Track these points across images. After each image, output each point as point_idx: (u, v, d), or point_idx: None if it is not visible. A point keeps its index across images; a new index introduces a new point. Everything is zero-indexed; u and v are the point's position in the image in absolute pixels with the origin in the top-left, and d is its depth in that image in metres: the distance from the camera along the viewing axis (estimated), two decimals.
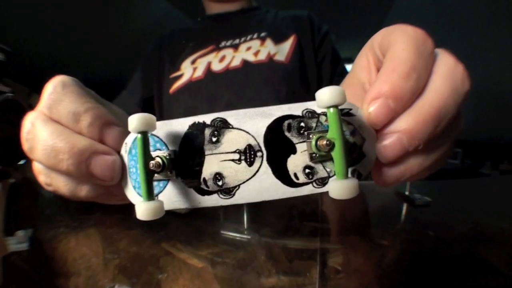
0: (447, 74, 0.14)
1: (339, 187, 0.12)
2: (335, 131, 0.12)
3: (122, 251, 0.27)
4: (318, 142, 0.13)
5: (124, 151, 0.15)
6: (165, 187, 0.15)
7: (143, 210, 0.13)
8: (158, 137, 0.15)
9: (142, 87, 0.58)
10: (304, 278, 0.22)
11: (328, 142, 0.12)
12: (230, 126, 0.14)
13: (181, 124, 0.15)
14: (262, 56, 0.53)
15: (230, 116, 0.14)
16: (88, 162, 0.14)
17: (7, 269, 0.24)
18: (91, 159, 0.14)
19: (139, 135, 0.13)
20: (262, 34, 0.57)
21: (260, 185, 0.14)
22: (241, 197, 0.14)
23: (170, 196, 0.15)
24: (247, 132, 0.14)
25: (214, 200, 0.14)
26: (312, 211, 0.36)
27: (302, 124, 0.14)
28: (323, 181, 0.14)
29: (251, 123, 0.14)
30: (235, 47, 0.57)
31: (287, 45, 0.55)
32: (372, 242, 0.28)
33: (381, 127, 0.13)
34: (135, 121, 0.13)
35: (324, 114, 0.14)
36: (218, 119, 0.14)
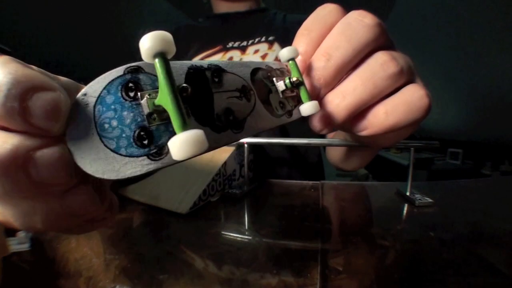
0: (340, 21, 0.18)
1: (308, 106, 0.17)
2: (297, 73, 0.18)
3: (123, 251, 0.27)
4: (291, 80, 0.18)
5: (83, 105, 0.10)
6: (174, 131, 0.12)
7: (187, 140, 0.10)
8: (154, 75, 0.12)
9: None
10: (305, 278, 0.22)
11: (296, 79, 0.17)
12: (225, 71, 0.16)
13: (179, 66, 0.13)
14: (269, 60, 0.53)
15: (220, 64, 0.16)
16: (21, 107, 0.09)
17: (8, 270, 0.24)
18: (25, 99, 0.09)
19: (157, 59, 0.11)
20: (270, 38, 0.58)
21: (259, 116, 0.17)
22: (248, 129, 0.16)
23: None
24: (239, 76, 0.16)
25: (228, 137, 0.14)
26: (313, 212, 0.36)
27: (269, 74, 0.18)
28: (290, 113, 0.19)
29: (238, 69, 0.16)
30: (243, 49, 0.57)
31: None
32: (373, 243, 0.28)
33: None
34: (148, 41, 0.10)
35: (278, 69, 0.19)
36: (213, 64, 0.15)
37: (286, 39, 0.57)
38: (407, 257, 0.26)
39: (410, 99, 0.17)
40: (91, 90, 0.11)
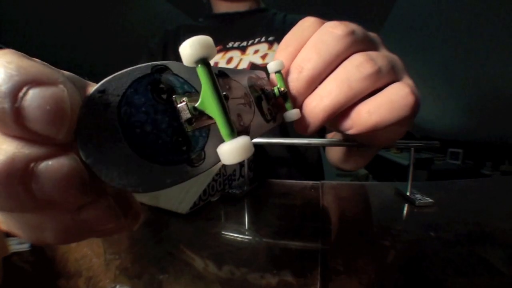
0: (313, 35, 0.19)
1: (292, 113, 0.19)
2: (283, 84, 0.19)
3: (124, 251, 0.27)
4: (280, 89, 0.19)
5: (101, 105, 0.08)
6: (208, 136, 0.12)
7: (238, 148, 0.10)
8: (182, 78, 0.12)
9: None
10: (305, 278, 0.22)
11: (284, 89, 0.19)
12: (230, 77, 0.16)
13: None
14: (269, 60, 0.53)
15: (225, 70, 0.16)
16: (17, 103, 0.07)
17: (8, 270, 0.24)
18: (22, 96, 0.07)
19: (200, 66, 0.10)
20: (270, 38, 0.58)
21: (257, 122, 0.17)
22: (251, 135, 0.16)
23: (215, 146, 0.12)
24: (240, 83, 0.17)
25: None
26: (313, 212, 0.36)
27: (259, 82, 0.19)
28: (274, 119, 0.19)
29: (238, 77, 0.17)
30: (243, 49, 0.57)
31: None
32: (373, 243, 0.28)
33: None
34: (190, 47, 0.10)
35: (263, 78, 0.20)
36: (219, 69, 0.15)
37: None
38: (407, 257, 0.26)
39: (394, 98, 0.18)
40: (112, 87, 0.09)
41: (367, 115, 0.18)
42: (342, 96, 0.18)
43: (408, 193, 0.39)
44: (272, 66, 0.19)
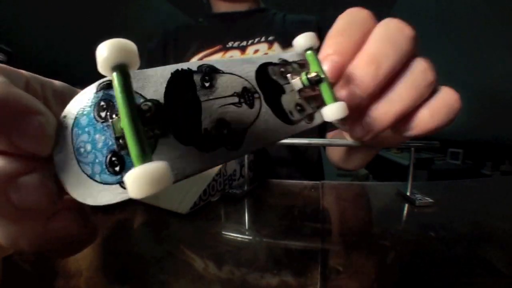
0: (381, 28, 0.17)
1: (333, 109, 0.15)
2: (317, 67, 0.15)
3: (124, 251, 0.27)
4: (308, 76, 0.15)
5: (64, 127, 0.10)
6: (154, 147, 0.11)
7: (145, 176, 0.08)
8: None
9: None
10: (305, 278, 0.22)
11: (316, 74, 0.15)
12: (220, 72, 0.13)
13: (160, 73, 0.11)
14: None
15: (217, 63, 0.13)
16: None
17: (8, 270, 0.24)
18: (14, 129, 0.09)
19: (115, 73, 0.09)
20: (270, 38, 0.57)
21: (266, 126, 0.13)
22: (249, 144, 0.13)
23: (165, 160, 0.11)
24: (239, 76, 0.14)
25: (220, 157, 0.12)
26: (313, 212, 0.36)
27: (282, 69, 0.16)
28: (311, 117, 0.16)
29: (239, 68, 0.14)
30: (242, 49, 0.57)
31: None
32: (373, 243, 0.28)
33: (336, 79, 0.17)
34: (106, 50, 0.09)
35: (295, 62, 0.16)
36: (205, 65, 0.13)
37: (286, 39, 0.57)
38: (408, 257, 0.26)
39: (449, 102, 0.18)
40: (69, 111, 0.10)
41: (430, 118, 0.18)
42: (410, 102, 0.17)
43: (408, 193, 0.39)
44: (301, 41, 0.15)
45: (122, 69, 0.09)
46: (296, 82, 0.15)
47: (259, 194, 0.43)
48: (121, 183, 0.10)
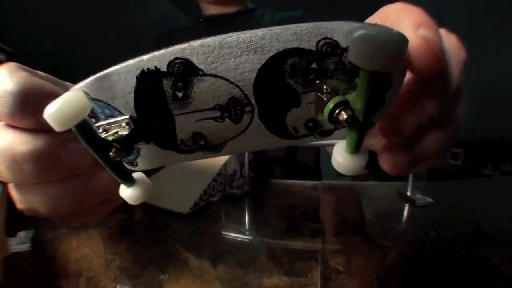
0: (450, 43, 0.12)
1: (348, 162, 0.10)
2: (364, 100, 0.08)
3: (124, 251, 0.27)
4: (337, 111, 0.09)
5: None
6: (139, 153, 0.12)
7: (129, 196, 0.12)
8: (101, 101, 0.10)
9: None
10: (306, 278, 0.22)
11: (351, 115, 0.08)
12: (200, 72, 0.09)
13: (125, 76, 0.10)
14: None
15: (196, 53, 0.09)
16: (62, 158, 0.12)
17: (8, 270, 0.24)
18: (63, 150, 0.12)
19: (74, 129, 0.09)
20: None
21: (252, 140, 0.11)
22: (228, 151, 0.12)
23: (149, 159, 0.13)
24: (228, 80, 0.10)
25: (199, 156, 0.12)
26: (313, 212, 0.36)
27: (314, 65, 0.09)
28: (327, 133, 0.11)
29: (233, 64, 0.09)
30: None
31: None
32: (373, 243, 0.28)
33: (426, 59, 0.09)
34: (57, 111, 0.08)
35: (350, 62, 0.09)
36: (177, 61, 0.09)
37: None
38: (408, 257, 0.26)
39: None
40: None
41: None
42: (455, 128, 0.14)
43: (408, 193, 0.39)
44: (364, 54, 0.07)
45: (79, 126, 0.09)
46: (329, 106, 0.09)
47: (259, 194, 0.43)
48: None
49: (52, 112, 0.08)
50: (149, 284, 0.22)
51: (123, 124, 0.11)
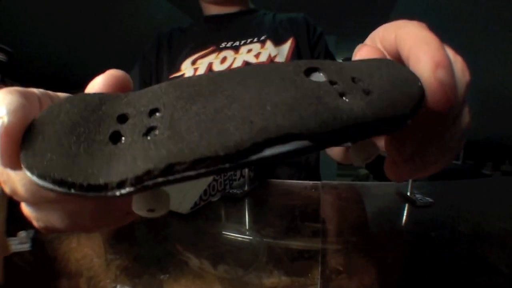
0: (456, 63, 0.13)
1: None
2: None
3: (124, 251, 0.27)
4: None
5: None
6: None
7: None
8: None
9: (140, 86, 0.58)
10: (306, 278, 0.22)
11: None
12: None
13: None
14: (263, 58, 0.54)
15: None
16: None
17: (8, 270, 0.24)
18: None
19: None
20: (262, 38, 0.58)
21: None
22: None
23: None
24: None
25: None
26: (313, 212, 0.36)
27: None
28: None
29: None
30: (236, 49, 0.57)
31: (286, 47, 0.56)
32: (373, 243, 0.28)
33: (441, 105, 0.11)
34: None
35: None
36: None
37: (277, 37, 0.57)
38: (408, 257, 0.26)
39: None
40: None
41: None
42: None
43: (408, 193, 0.39)
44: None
45: None
46: None
47: (259, 194, 0.43)
48: None
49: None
50: (149, 284, 0.22)
51: None
